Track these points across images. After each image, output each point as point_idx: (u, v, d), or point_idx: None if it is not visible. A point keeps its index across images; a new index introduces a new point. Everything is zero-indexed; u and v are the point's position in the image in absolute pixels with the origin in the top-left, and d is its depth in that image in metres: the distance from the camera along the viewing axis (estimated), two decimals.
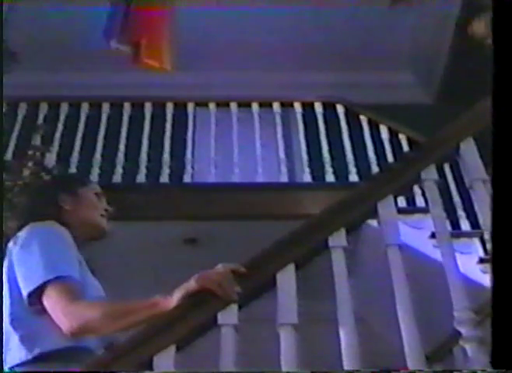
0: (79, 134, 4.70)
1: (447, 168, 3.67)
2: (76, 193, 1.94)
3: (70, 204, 1.90)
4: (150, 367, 1.52)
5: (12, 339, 1.65)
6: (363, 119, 4.88)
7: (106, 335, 1.73)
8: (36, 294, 1.65)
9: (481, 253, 3.77)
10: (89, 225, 1.90)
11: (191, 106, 4.96)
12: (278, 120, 4.84)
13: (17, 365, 1.61)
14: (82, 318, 1.60)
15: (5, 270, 1.74)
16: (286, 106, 4.99)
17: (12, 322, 1.67)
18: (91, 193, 1.98)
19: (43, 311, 1.65)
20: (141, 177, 4.48)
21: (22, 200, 2.00)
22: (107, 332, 1.70)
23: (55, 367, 1.60)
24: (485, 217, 1.76)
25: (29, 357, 1.61)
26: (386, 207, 1.82)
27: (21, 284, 1.68)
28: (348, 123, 4.87)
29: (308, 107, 4.98)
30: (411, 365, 1.52)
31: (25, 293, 1.66)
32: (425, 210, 3.14)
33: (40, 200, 1.95)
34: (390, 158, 4.59)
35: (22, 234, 1.77)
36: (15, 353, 1.63)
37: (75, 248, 1.79)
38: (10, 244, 1.77)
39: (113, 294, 1.73)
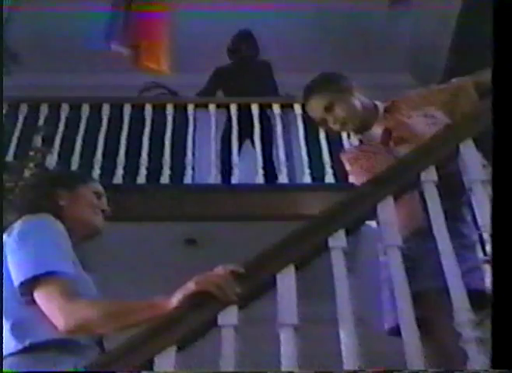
0: (80, 135, 4.70)
1: None
2: (74, 190, 1.94)
3: (66, 201, 1.90)
4: (151, 367, 1.53)
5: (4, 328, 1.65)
6: None
7: (103, 334, 1.73)
8: (28, 286, 1.65)
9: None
10: (82, 223, 1.90)
11: (191, 108, 4.96)
12: (278, 120, 4.84)
13: (8, 355, 1.61)
14: (80, 318, 1.60)
15: None
16: (286, 107, 4.99)
17: (4, 311, 1.66)
18: (90, 192, 1.97)
19: (35, 302, 1.65)
20: (141, 178, 4.48)
21: (21, 194, 1.99)
22: (105, 332, 1.70)
23: (46, 358, 1.60)
24: (484, 219, 1.76)
25: (20, 347, 1.61)
26: (386, 208, 1.82)
27: (13, 275, 1.68)
28: None
29: None
30: (411, 365, 1.52)
31: (16, 283, 1.66)
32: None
33: (37, 193, 1.94)
34: None
35: (16, 225, 1.77)
36: (6, 343, 1.62)
37: (70, 243, 1.79)
38: (4, 235, 1.77)
39: (112, 295, 1.73)
